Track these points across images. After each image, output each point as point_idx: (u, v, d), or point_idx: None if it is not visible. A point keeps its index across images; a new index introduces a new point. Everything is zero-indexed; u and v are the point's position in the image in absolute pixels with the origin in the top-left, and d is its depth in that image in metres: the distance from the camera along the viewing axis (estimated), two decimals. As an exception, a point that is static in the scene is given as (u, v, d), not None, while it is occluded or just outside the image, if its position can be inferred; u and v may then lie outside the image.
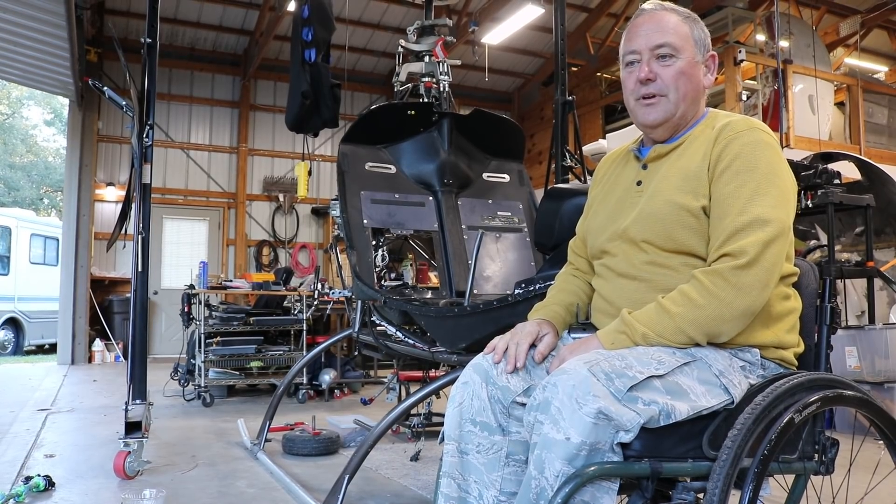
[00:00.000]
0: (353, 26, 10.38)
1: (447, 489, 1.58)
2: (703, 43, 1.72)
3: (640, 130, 1.79)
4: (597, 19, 10.64)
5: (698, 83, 1.71)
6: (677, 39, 1.68)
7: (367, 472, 3.69)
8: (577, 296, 1.89)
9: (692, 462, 1.46)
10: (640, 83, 1.69)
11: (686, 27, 1.70)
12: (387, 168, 3.83)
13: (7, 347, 12.30)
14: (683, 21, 1.71)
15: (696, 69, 1.70)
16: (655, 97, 1.69)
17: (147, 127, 3.72)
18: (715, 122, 1.68)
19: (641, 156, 1.77)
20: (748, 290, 1.48)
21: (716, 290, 1.48)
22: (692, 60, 1.69)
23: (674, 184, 1.64)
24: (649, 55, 1.68)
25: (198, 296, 6.31)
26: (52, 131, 27.61)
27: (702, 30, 1.72)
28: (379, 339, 3.41)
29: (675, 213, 1.61)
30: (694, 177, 1.61)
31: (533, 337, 1.69)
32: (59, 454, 4.09)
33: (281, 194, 11.49)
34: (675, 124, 1.71)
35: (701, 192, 1.60)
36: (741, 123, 1.63)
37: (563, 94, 4.37)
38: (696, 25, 1.72)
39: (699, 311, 1.49)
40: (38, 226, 13.85)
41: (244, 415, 5.34)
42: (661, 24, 1.69)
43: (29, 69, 8.28)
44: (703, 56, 1.72)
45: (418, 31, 4.44)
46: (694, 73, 1.69)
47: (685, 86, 1.68)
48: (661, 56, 1.67)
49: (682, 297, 1.51)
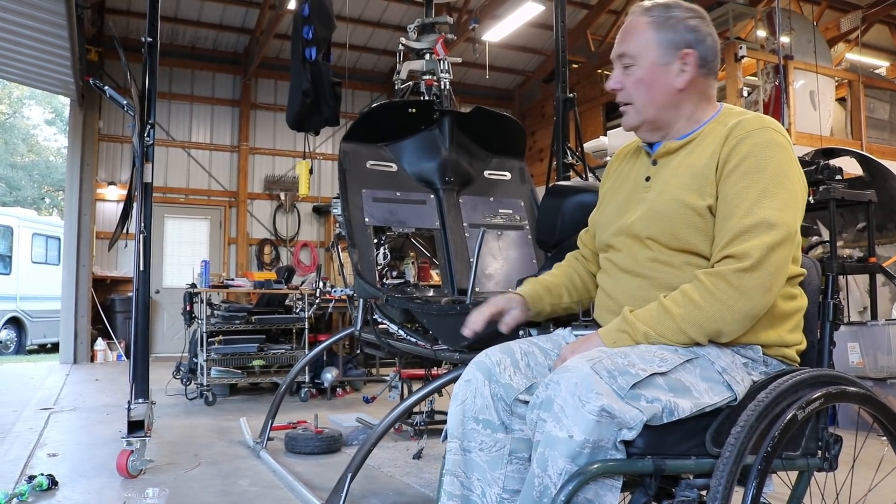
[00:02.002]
0: (353, 24, 10.38)
1: (450, 487, 1.58)
2: (675, 43, 1.66)
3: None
4: (597, 16, 10.63)
5: (665, 87, 1.67)
6: (635, 47, 1.68)
7: (369, 470, 3.70)
8: (569, 278, 1.93)
9: (695, 459, 1.45)
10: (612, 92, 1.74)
11: (650, 32, 1.67)
12: (388, 166, 3.82)
13: (9, 347, 12.31)
14: (649, 24, 1.67)
15: (657, 74, 1.66)
16: (625, 105, 1.72)
17: (148, 126, 3.71)
18: (728, 119, 1.66)
19: (652, 151, 1.76)
20: (750, 293, 1.47)
21: (717, 293, 1.48)
22: (653, 66, 1.66)
23: (681, 182, 1.63)
24: (618, 63, 1.72)
25: (200, 295, 6.32)
26: (54, 131, 27.62)
27: (672, 29, 1.66)
28: (381, 338, 3.41)
29: (680, 211, 1.60)
30: (701, 175, 1.60)
31: (498, 308, 1.83)
32: (61, 453, 4.10)
33: (282, 193, 11.50)
34: (657, 126, 1.71)
35: (708, 190, 1.58)
36: (753, 122, 1.60)
37: (564, 92, 4.37)
38: (664, 25, 1.66)
39: (700, 312, 1.48)
40: (40, 225, 13.85)
41: (246, 413, 5.34)
42: (627, 32, 1.71)
43: (30, 69, 8.27)
44: (672, 56, 1.66)
45: (419, 29, 4.43)
46: (655, 79, 1.67)
47: (646, 93, 1.68)
48: (625, 66, 1.70)
49: (684, 297, 1.51)
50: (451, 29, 4.61)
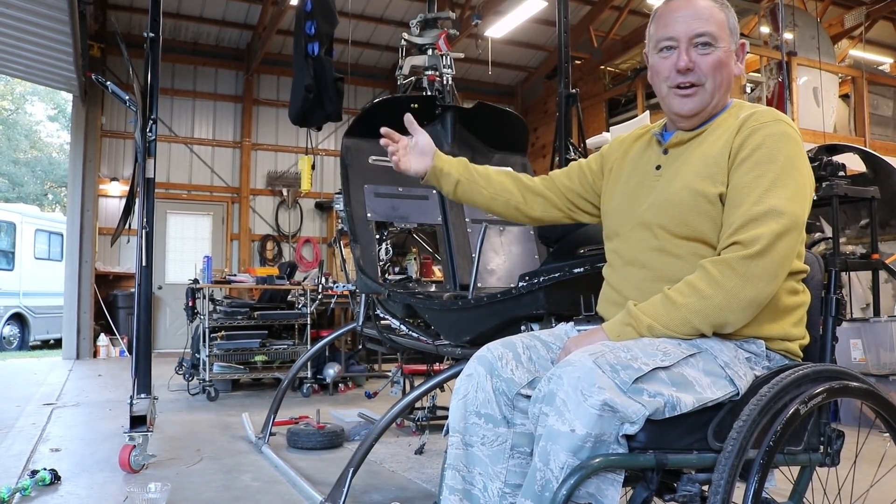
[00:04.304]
0: (356, 20, 10.37)
1: (452, 481, 1.58)
2: (736, 31, 1.69)
3: (670, 117, 1.76)
4: (600, 12, 10.60)
5: (731, 73, 1.69)
6: (716, 28, 1.65)
7: (371, 465, 3.70)
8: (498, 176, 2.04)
9: (697, 454, 1.45)
10: (678, 72, 1.66)
11: (722, 14, 1.67)
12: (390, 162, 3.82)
13: (13, 342, 12.35)
14: (720, 8, 1.68)
15: (731, 58, 1.68)
16: (693, 87, 1.66)
17: (150, 122, 3.71)
18: (740, 111, 1.67)
19: (664, 140, 1.75)
20: (756, 280, 1.47)
21: (723, 280, 1.48)
22: (728, 50, 1.67)
23: (693, 170, 1.63)
24: (688, 43, 1.65)
25: (202, 290, 6.33)
26: (56, 127, 27.63)
27: (734, 16, 1.70)
28: (383, 333, 3.41)
29: (691, 198, 1.60)
30: (713, 163, 1.60)
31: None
32: (64, 448, 4.10)
33: (284, 188, 11.49)
34: (708, 114, 1.70)
35: (719, 178, 1.58)
36: (766, 114, 1.61)
37: (567, 88, 4.35)
38: (730, 12, 1.69)
39: (706, 301, 1.48)
40: (43, 221, 13.87)
41: (249, 409, 5.35)
42: (700, 11, 1.65)
43: (32, 65, 8.28)
44: (736, 44, 1.69)
45: (421, 25, 4.42)
46: (729, 63, 1.68)
47: (721, 75, 1.66)
48: (700, 44, 1.64)
49: (689, 287, 1.51)
50: (454, 24, 4.61)
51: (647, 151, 1.81)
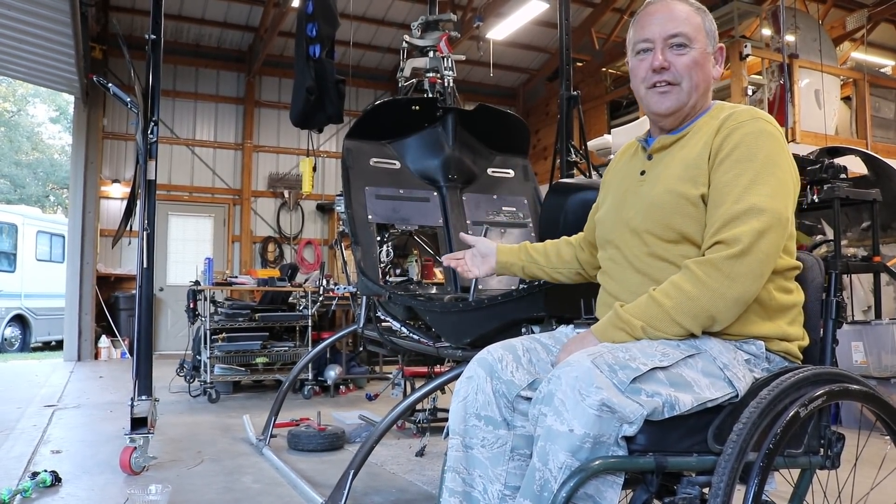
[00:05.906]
0: (357, 22, 10.38)
1: (452, 483, 1.59)
2: (713, 34, 1.72)
3: (651, 118, 1.79)
4: (602, 14, 10.61)
5: (709, 74, 1.71)
6: (691, 29, 1.68)
7: (372, 467, 3.70)
8: (552, 248, 2.08)
9: (697, 456, 1.45)
10: (654, 71, 1.68)
11: (698, 18, 1.70)
12: (391, 164, 3.82)
13: (14, 344, 12.35)
14: (695, 12, 1.71)
15: (707, 60, 1.70)
16: (668, 86, 1.68)
17: (152, 123, 3.72)
18: (720, 113, 1.69)
19: (648, 146, 1.78)
20: (741, 279, 1.48)
21: (708, 281, 1.48)
22: (704, 51, 1.69)
23: (674, 173, 1.65)
24: (663, 44, 1.68)
25: (203, 292, 6.33)
26: (58, 128, 27.66)
27: (711, 21, 1.73)
28: (384, 335, 3.41)
29: (673, 201, 1.61)
30: (694, 165, 1.62)
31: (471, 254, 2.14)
32: (65, 450, 4.11)
33: (286, 190, 11.50)
34: (686, 114, 1.71)
35: (700, 180, 1.60)
36: (745, 113, 1.63)
37: (568, 90, 4.37)
38: (707, 17, 1.73)
39: (691, 302, 1.49)
40: (44, 223, 13.89)
41: (249, 411, 5.35)
42: (674, 14, 1.69)
43: (34, 66, 8.29)
44: (713, 48, 1.72)
45: (423, 27, 4.43)
46: (706, 65, 1.70)
47: (698, 76, 1.68)
48: (675, 45, 1.67)
49: (675, 288, 1.51)
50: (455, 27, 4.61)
51: (633, 160, 1.84)
